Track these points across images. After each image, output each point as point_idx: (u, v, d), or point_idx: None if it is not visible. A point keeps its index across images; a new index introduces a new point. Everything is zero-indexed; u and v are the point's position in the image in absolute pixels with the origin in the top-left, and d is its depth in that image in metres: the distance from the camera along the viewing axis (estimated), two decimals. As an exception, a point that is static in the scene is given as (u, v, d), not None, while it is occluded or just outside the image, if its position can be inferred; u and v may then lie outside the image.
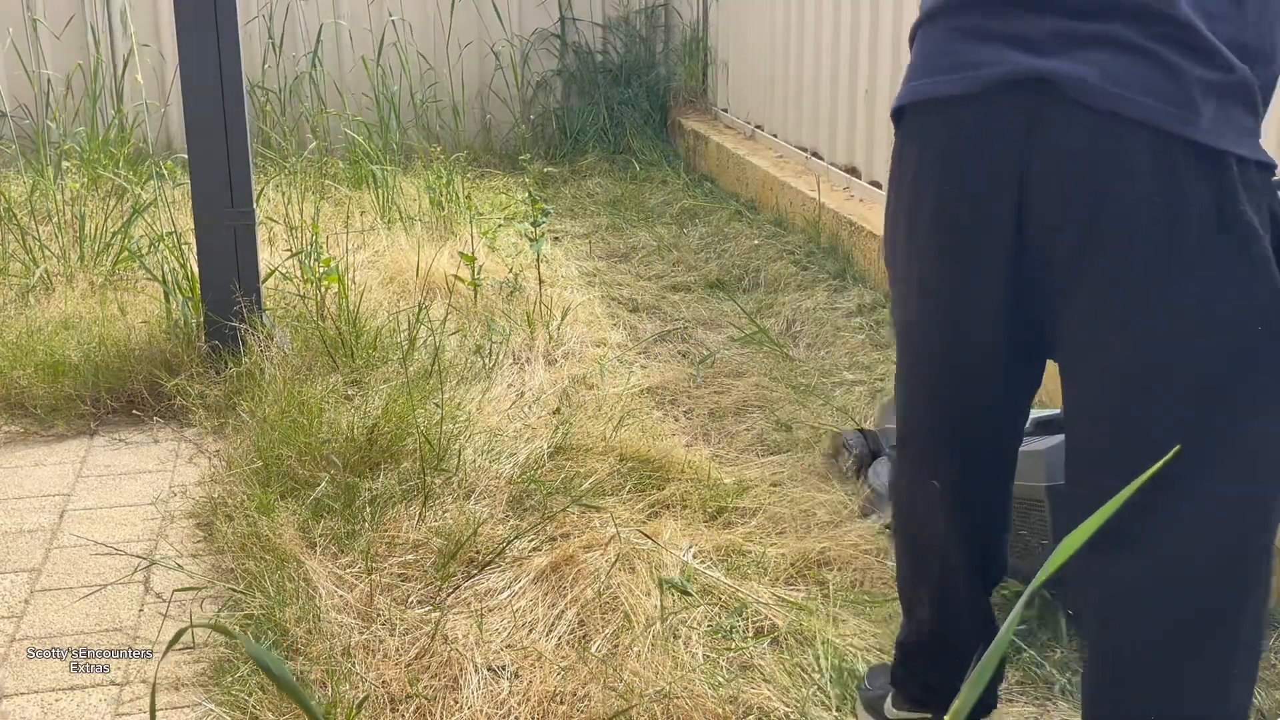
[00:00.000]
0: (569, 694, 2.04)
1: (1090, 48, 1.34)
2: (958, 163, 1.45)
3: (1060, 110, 1.34)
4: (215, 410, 3.25)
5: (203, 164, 3.42)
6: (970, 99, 1.42)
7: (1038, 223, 1.39)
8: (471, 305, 3.99)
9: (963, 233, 1.47)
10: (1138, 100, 1.31)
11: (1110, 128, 1.32)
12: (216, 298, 3.46)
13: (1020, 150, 1.38)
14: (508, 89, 7.01)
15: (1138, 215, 1.32)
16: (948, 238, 1.49)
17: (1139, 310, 1.35)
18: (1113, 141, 1.32)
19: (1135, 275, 1.34)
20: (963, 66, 1.43)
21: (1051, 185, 1.37)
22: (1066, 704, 2.04)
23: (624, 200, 5.84)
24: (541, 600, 2.32)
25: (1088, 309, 1.39)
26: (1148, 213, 1.32)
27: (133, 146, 5.78)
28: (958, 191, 1.46)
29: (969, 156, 1.43)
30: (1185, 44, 1.31)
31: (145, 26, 6.56)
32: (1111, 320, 1.37)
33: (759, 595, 2.33)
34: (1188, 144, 1.30)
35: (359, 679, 2.08)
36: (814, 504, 2.69)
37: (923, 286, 1.55)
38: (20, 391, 3.36)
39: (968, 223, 1.46)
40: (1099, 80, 1.32)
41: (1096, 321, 1.39)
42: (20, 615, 2.39)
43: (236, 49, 3.37)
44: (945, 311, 1.54)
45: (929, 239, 1.51)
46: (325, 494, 2.67)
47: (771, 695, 2.04)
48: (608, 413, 3.15)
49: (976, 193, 1.44)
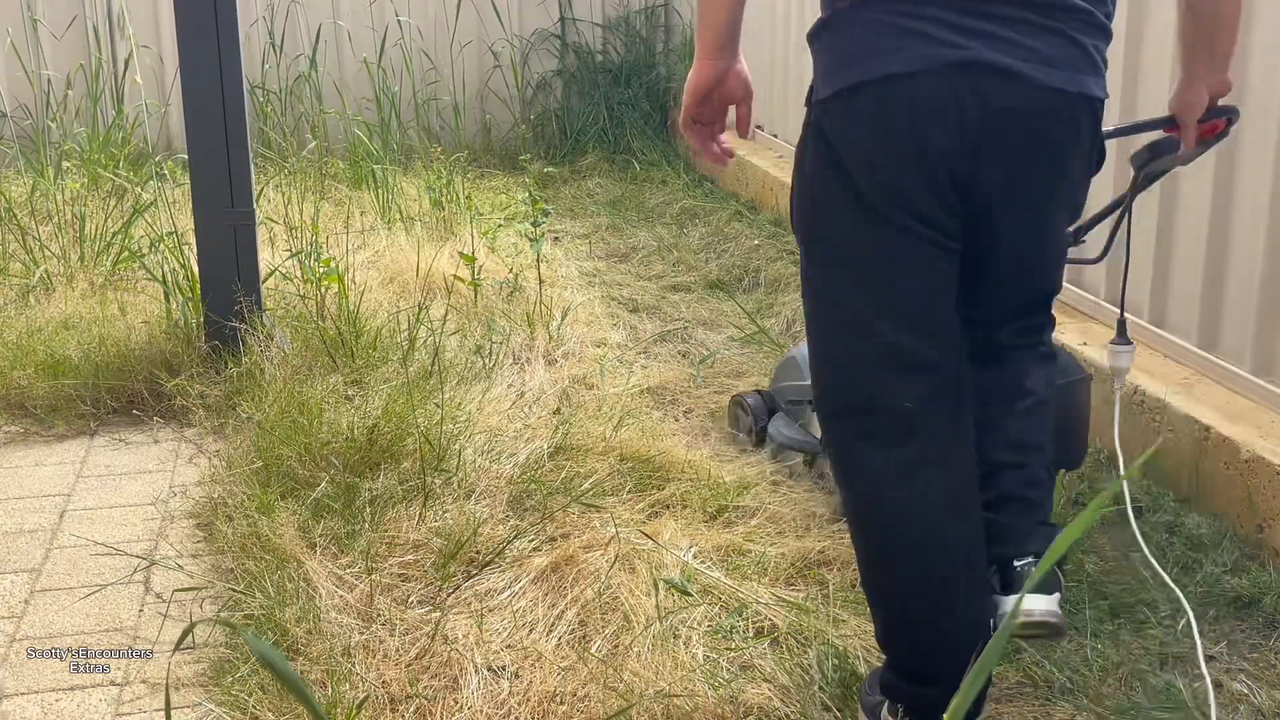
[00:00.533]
0: (569, 694, 2.04)
1: (1019, 25, 1.72)
2: (925, 127, 1.73)
3: (1000, 81, 1.72)
4: (215, 410, 3.25)
5: (203, 164, 3.42)
6: (928, 74, 1.71)
7: (989, 164, 1.76)
8: (471, 305, 3.99)
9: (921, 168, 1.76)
10: (1057, 72, 1.73)
11: (1040, 93, 1.73)
12: (216, 298, 3.46)
13: (975, 114, 1.72)
14: (507, 89, 7.01)
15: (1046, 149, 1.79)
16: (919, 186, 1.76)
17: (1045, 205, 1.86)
18: (1043, 101, 1.74)
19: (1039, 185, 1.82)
20: (920, 48, 1.72)
21: (999, 137, 1.74)
22: (1067, 704, 2.04)
23: (624, 200, 5.84)
24: (541, 600, 2.32)
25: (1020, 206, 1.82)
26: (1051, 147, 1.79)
27: (133, 147, 5.78)
28: (923, 149, 1.74)
29: (933, 123, 1.73)
30: (1087, 23, 1.76)
31: (145, 27, 6.56)
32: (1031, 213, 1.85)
33: (759, 595, 2.33)
34: (1087, 98, 1.77)
35: (359, 679, 2.08)
36: (814, 503, 2.69)
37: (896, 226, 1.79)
38: (20, 391, 3.36)
39: (933, 171, 1.76)
40: (1028, 57, 1.72)
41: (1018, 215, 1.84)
42: (20, 615, 2.39)
43: (236, 49, 3.37)
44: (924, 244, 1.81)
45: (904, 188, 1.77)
46: (325, 494, 2.67)
47: (771, 695, 2.04)
48: (608, 413, 3.15)
49: (941, 150, 1.74)
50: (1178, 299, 2.98)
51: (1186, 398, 2.74)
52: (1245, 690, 2.08)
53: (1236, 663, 2.16)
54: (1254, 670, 2.14)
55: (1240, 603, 2.31)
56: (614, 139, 6.76)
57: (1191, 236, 2.90)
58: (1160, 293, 3.03)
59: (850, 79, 1.75)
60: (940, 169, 1.75)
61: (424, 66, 6.78)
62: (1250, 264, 2.70)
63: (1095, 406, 2.98)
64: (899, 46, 1.72)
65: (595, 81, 7.04)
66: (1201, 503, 2.62)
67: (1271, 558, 2.41)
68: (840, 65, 1.77)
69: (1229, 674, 2.12)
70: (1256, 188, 2.67)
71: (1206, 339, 2.87)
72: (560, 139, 6.90)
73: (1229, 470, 2.54)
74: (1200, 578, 2.37)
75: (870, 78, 1.73)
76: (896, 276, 1.81)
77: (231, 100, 3.38)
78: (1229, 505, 2.54)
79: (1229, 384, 2.77)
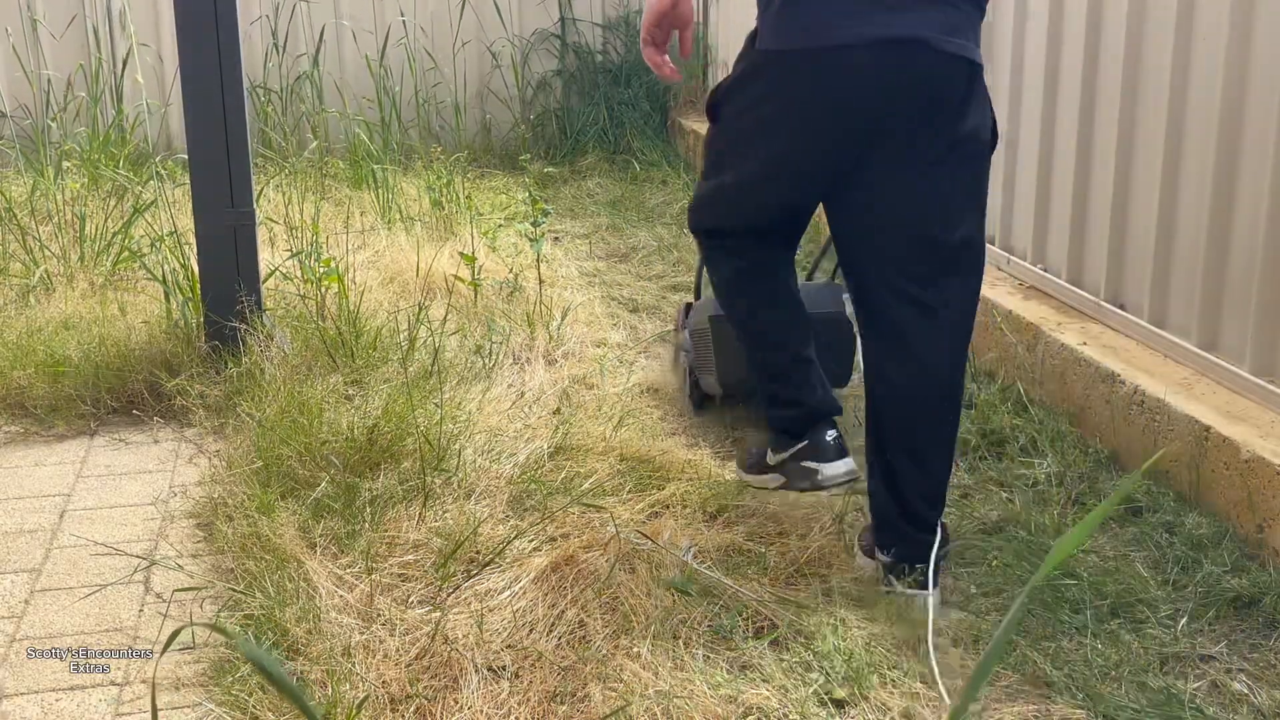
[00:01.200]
0: (569, 694, 2.04)
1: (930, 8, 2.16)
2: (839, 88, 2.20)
3: (914, 53, 2.16)
4: (215, 410, 3.25)
5: (203, 164, 3.42)
6: (861, 49, 2.16)
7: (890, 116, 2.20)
8: (471, 305, 3.99)
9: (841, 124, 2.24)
10: (953, 40, 2.17)
11: (940, 59, 2.17)
12: (216, 298, 3.46)
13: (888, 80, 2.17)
14: (507, 89, 7.01)
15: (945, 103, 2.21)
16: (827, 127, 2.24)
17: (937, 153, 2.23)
18: (943, 68, 2.18)
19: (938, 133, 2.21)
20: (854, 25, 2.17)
21: (904, 96, 2.18)
22: (1066, 703, 2.04)
23: (624, 200, 5.84)
24: (541, 600, 2.32)
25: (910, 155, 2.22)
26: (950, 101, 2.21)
27: (133, 146, 5.78)
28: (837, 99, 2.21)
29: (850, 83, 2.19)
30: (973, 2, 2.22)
31: (145, 27, 6.56)
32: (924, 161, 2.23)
33: (759, 595, 2.33)
34: (970, 62, 2.21)
35: (359, 679, 2.08)
36: (815, 503, 2.69)
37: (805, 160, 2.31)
38: (20, 391, 3.36)
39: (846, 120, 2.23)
40: (935, 29, 2.15)
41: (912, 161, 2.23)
42: (20, 615, 2.39)
43: (236, 49, 3.37)
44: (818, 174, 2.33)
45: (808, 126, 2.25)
46: (325, 494, 2.67)
47: (771, 695, 2.04)
48: (608, 413, 3.15)
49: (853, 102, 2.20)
50: (1178, 299, 2.98)
51: (1186, 398, 2.74)
52: (1245, 690, 2.08)
53: (1236, 663, 2.16)
54: (1254, 670, 2.14)
55: (1240, 603, 2.31)
56: (614, 139, 6.76)
57: (1191, 236, 2.90)
58: (1160, 293, 3.04)
59: (804, 42, 2.21)
60: (863, 121, 2.21)
61: (425, 66, 6.78)
62: (1250, 264, 2.70)
63: (1093, 407, 2.98)
64: (842, 21, 2.17)
65: (595, 81, 7.04)
66: (1201, 503, 2.62)
67: (1271, 558, 2.41)
68: (797, 29, 2.21)
69: (1229, 674, 2.12)
70: (1257, 187, 2.67)
71: (1206, 339, 2.88)
72: (560, 139, 6.90)
73: (1229, 470, 2.54)
74: (1200, 578, 2.37)
75: (819, 45, 2.19)
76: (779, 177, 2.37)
77: (231, 100, 3.38)
78: (1229, 505, 2.54)
79: (1229, 384, 2.77)
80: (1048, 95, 3.48)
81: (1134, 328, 3.12)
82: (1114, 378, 2.92)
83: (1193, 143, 2.88)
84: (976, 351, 3.53)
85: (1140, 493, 2.70)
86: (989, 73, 3.80)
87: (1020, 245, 3.70)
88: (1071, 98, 3.36)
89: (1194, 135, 2.88)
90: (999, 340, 3.43)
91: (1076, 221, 3.38)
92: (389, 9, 6.79)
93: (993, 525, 2.63)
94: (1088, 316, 3.31)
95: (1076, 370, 3.07)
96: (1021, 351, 3.31)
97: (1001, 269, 3.76)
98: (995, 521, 2.64)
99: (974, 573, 2.44)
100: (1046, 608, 2.29)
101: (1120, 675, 2.11)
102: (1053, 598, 2.31)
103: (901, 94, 2.18)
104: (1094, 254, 3.32)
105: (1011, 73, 3.67)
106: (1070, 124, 3.37)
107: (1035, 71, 3.54)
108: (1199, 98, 2.85)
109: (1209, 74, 2.80)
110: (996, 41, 3.77)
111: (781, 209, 2.46)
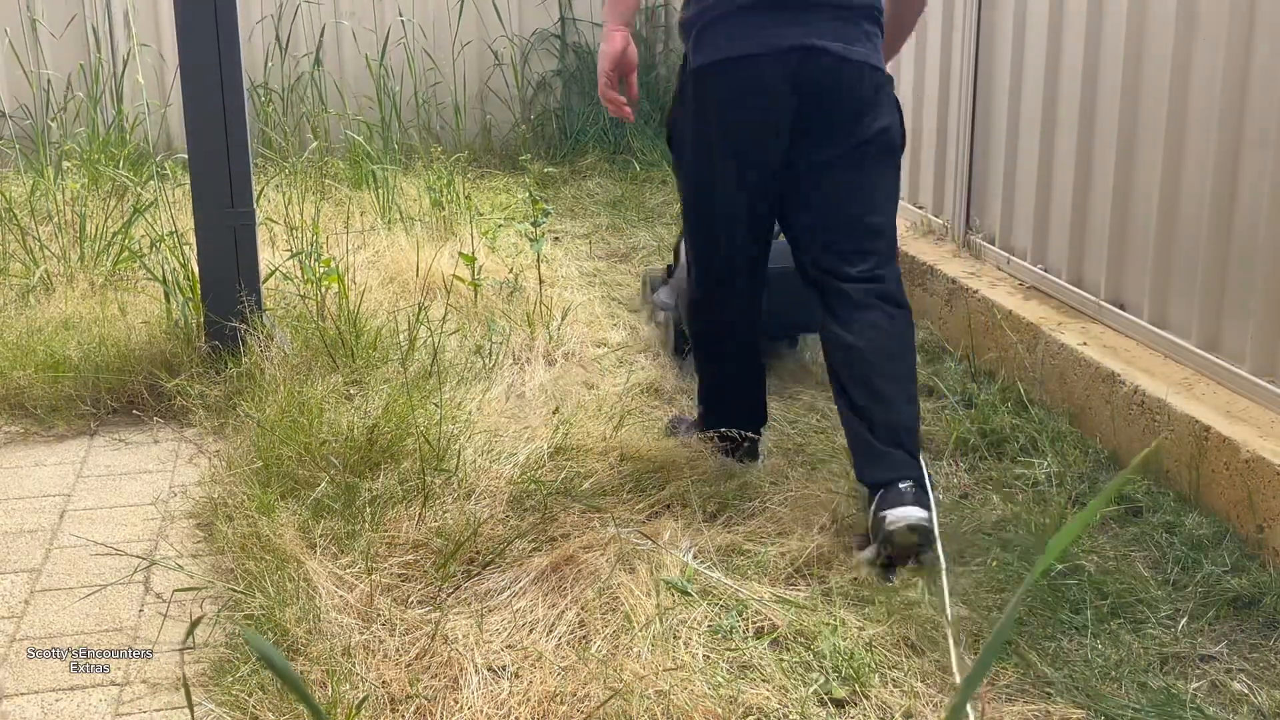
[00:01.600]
0: (569, 694, 2.04)
1: (828, 22, 2.56)
2: (756, 93, 2.59)
3: (817, 57, 2.56)
4: (215, 410, 3.25)
5: (203, 164, 3.42)
6: (769, 56, 2.56)
7: (805, 116, 2.59)
8: (471, 305, 3.99)
9: (766, 126, 2.62)
10: (854, 49, 2.57)
11: (843, 64, 2.57)
12: (217, 298, 3.46)
13: (797, 80, 2.56)
14: (508, 89, 7.01)
15: (854, 102, 2.61)
16: (758, 130, 2.62)
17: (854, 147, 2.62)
18: (846, 71, 2.57)
19: (852, 129, 2.61)
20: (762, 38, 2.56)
21: (814, 95, 2.57)
22: (1066, 703, 2.04)
23: (624, 200, 5.84)
24: (542, 600, 2.32)
25: (830, 150, 2.62)
26: (858, 101, 2.61)
27: (133, 147, 5.78)
28: (765, 104, 2.59)
29: (764, 88, 2.58)
30: (866, 16, 2.60)
31: (146, 27, 6.56)
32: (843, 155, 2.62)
33: (759, 595, 2.33)
34: (874, 68, 2.61)
35: (359, 679, 2.08)
36: (815, 502, 2.69)
37: (739, 160, 2.65)
38: (20, 391, 3.36)
39: (772, 120, 2.61)
40: (835, 39, 2.55)
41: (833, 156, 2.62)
42: (20, 615, 2.39)
43: (236, 49, 3.37)
44: (753, 172, 2.67)
45: (746, 133, 2.63)
46: (325, 494, 2.67)
47: (770, 695, 2.04)
48: (608, 413, 3.15)
49: (776, 104, 2.58)
50: (1178, 299, 2.98)
51: (1186, 398, 2.74)
52: (1245, 690, 2.08)
53: (1236, 663, 2.16)
54: (1254, 670, 2.14)
55: (1240, 603, 2.31)
56: (614, 139, 6.76)
57: (1192, 236, 2.90)
58: (1161, 293, 3.04)
59: (720, 55, 2.60)
60: (780, 118, 2.59)
61: (425, 66, 6.78)
62: (1251, 264, 2.70)
63: (1093, 407, 2.98)
64: (751, 36, 2.56)
65: (595, 81, 7.03)
66: (1201, 503, 2.62)
67: (1271, 558, 2.41)
68: (713, 48, 2.60)
69: (1229, 674, 2.12)
70: (1257, 187, 2.67)
71: (1207, 339, 2.88)
72: (560, 139, 6.90)
73: (1229, 470, 2.54)
74: (1200, 578, 2.37)
75: (733, 55, 2.58)
76: (727, 190, 2.69)
77: (231, 100, 3.38)
78: (1229, 505, 2.54)
79: (1229, 384, 2.77)
80: (1048, 95, 3.48)
81: (1134, 328, 3.12)
82: (1114, 378, 2.92)
83: (1193, 143, 2.88)
84: (977, 351, 3.53)
85: (1140, 493, 2.70)
86: (991, 73, 3.81)
87: (1020, 245, 3.70)
88: (1072, 97, 3.36)
89: (1195, 135, 2.87)
90: (999, 340, 3.42)
91: (1077, 221, 3.38)
92: (389, 9, 6.79)
93: (993, 525, 2.63)
94: (1088, 316, 3.31)
95: (1077, 370, 3.07)
96: (1022, 351, 3.31)
97: (1002, 269, 3.76)
98: (995, 521, 2.64)
99: (974, 572, 2.44)
100: (1047, 607, 2.28)
101: (1120, 675, 2.11)
102: (1053, 598, 2.31)
103: (810, 92, 2.57)
104: (1094, 254, 3.32)
105: (1012, 73, 3.67)
106: (1071, 124, 3.37)
107: (1035, 71, 3.54)
108: (1200, 98, 2.85)
109: (1210, 74, 2.80)
110: (997, 41, 3.78)
111: (746, 221, 2.74)
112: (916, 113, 4.35)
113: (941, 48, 4.13)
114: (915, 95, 4.35)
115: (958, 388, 3.36)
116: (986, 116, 3.87)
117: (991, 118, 3.84)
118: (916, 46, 4.31)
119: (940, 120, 4.17)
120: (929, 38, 4.22)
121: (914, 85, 4.36)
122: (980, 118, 3.90)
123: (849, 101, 2.58)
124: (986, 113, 3.87)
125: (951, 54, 4.06)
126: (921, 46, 4.28)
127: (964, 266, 3.84)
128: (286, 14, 6.58)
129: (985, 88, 3.86)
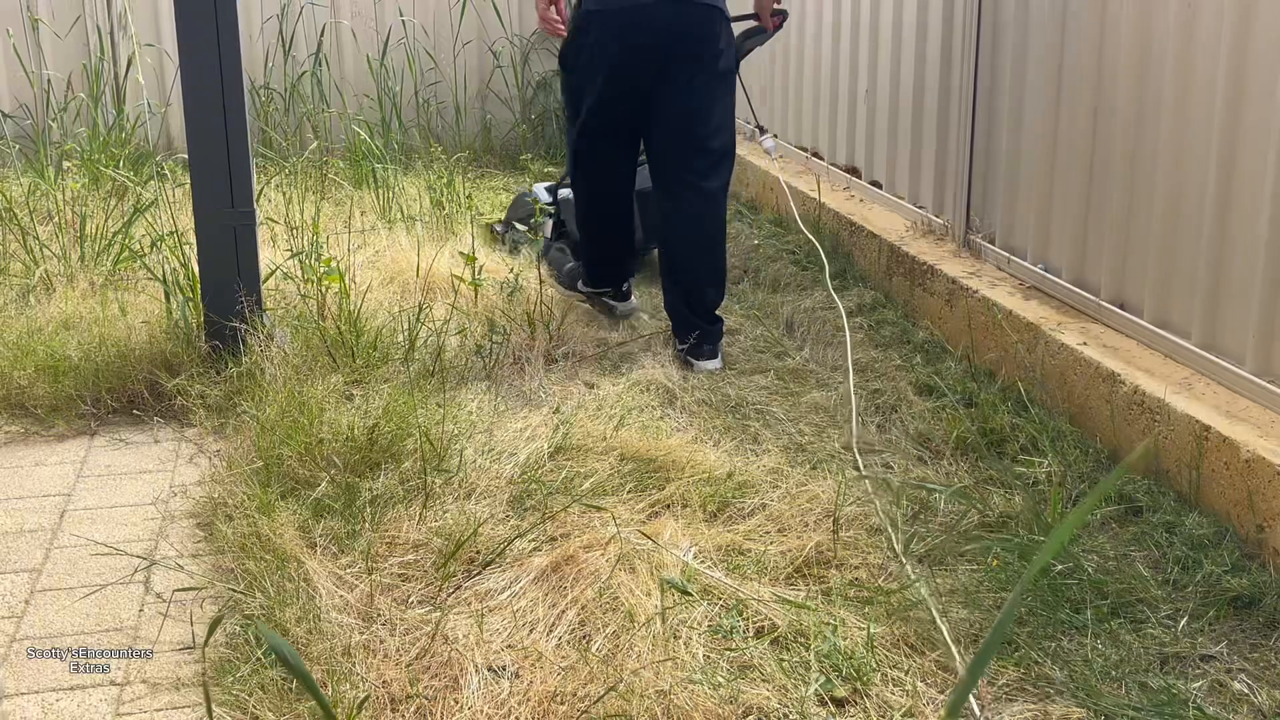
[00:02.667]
0: (569, 694, 2.04)
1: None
2: (635, 33, 3.54)
3: (684, 4, 3.52)
4: (215, 410, 3.25)
5: (203, 164, 3.42)
6: (641, 6, 3.51)
7: (667, 53, 3.54)
8: (472, 305, 3.99)
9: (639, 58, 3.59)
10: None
11: (703, 8, 3.54)
12: (217, 298, 3.46)
13: (663, 24, 3.51)
14: (508, 89, 7.01)
15: (705, 40, 3.56)
16: (631, 61, 3.59)
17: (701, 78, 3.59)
18: (699, 14, 3.54)
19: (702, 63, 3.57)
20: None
21: (676, 35, 3.53)
22: (1066, 702, 2.04)
23: (624, 200, 5.82)
24: (542, 600, 2.32)
25: (683, 80, 3.58)
26: (708, 39, 3.56)
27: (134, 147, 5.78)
28: (636, 42, 3.55)
29: (642, 29, 3.53)
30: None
31: (147, 27, 6.56)
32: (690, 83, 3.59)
33: (759, 595, 2.33)
34: (723, 12, 3.59)
35: (359, 679, 2.08)
36: (815, 502, 2.69)
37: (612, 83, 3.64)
38: (20, 391, 3.36)
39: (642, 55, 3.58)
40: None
41: (681, 84, 3.58)
42: (20, 615, 2.39)
43: (237, 49, 3.37)
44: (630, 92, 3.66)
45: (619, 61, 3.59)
46: (325, 494, 2.67)
47: (771, 695, 2.04)
48: (608, 412, 3.15)
49: (646, 42, 3.54)
50: (1178, 299, 2.98)
51: (1186, 398, 2.74)
52: (1245, 690, 2.08)
53: (1236, 663, 2.16)
54: (1254, 670, 2.14)
55: (1240, 602, 2.31)
56: (614, 139, 6.75)
57: (1192, 236, 2.90)
58: (1161, 293, 3.04)
59: (605, 5, 3.54)
60: (649, 54, 3.54)
61: (425, 66, 6.78)
62: (1251, 264, 2.70)
63: (1094, 407, 2.98)
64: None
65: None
66: (1201, 503, 2.62)
67: (1271, 558, 2.41)
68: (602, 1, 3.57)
69: (1229, 674, 2.12)
70: (1257, 187, 2.67)
71: (1207, 339, 2.88)
72: (560, 139, 6.89)
73: (1229, 470, 2.54)
74: (1200, 578, 2.37)
75: (613, 7, 3.53)
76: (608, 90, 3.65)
77: (231, 100, 3.38)
78: (1229, 505, 2.54)
79: (1229, 384, 2.77)
80: (1050, 95, 3.48)
81: (1134, 328, 3.12)
82: (1114, 377, 2.92)
83: (1195, 143, 2.88)
84: (977, 351, 3.53)
85: (1140, 492, 2.70)
86: (990, 73, 3.81)
87: (1021, 245, 3.70)
88: (1075, 98, 3.36)
89: (1196, 136, 2.87)
90: (999, 340, 3.42)
91: (1079, 221, 3.38)
92: (389, 9, 6.79)
93: (993, 524, 2.63)
94: (1088, 316, 3.31)
95: (1077, 370, 3.07)
96: (1022, 351, 3.31)
97: (1002, 269, 3.76)
98: (995, 520, 2.64)
99: (975, 571, 2.44)
100: (1047, 607, 2.28)
101: (1120, 675, 2.11)
102: (1053, 597, 2.31)
103: (678, 35, 3.52)
104: (1095, 254, 3.32)
105: (1012, 72, 3.67)
106: (1073, 124, 3.37)
107: (1038, 72, 3.54)
108: (1201, 98, 2.85)
109: (1211, 74, 2.80)
110: (998, 40, 3.78)
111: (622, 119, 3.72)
112: (917, 113, 4.35)
113: (942, 48, 4.13)
114: (916, 95, 4.35)
115: (958, 387, 3.36)
116: (988, 117, 3.87)
117: (993, 118, 3.84)
118: (917, 45, 4.31)
119: (941, 121, 4.17)
120: (929, 38, 4.22)
121: (914, 85, 4.36)
122: (981, 118, 3.90)
123: (703, 41, 3.53)
124: (988, 113, 3.87)
125: (952, 54, 4.06)
126: (922, 46, 4.28)
127: (964, 266, 3.84)
128: (290, 15, 6.58)
129: (986, 88, 3.86)
